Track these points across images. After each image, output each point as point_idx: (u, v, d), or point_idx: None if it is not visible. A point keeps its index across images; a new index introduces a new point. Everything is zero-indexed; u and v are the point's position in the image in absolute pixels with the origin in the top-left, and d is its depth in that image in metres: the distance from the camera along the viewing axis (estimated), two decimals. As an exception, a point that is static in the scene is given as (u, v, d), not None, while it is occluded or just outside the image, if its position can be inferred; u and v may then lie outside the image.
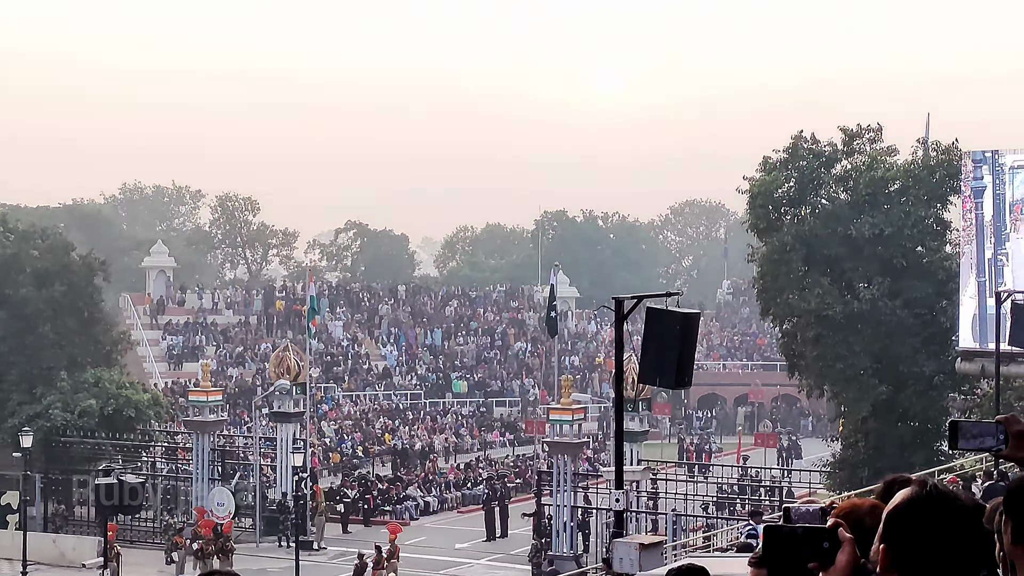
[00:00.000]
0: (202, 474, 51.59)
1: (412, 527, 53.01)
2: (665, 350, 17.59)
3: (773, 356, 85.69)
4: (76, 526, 52.07)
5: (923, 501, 3.50)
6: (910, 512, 3.49)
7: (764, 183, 47.81)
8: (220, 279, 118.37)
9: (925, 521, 3.47)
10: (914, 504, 3.50)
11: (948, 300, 44.04)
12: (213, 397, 54.03)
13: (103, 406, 53.30)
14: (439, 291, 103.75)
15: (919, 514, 3.48)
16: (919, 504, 3.49)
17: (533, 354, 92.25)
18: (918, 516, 3.48)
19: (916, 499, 3.50)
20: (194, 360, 78.42)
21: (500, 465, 64.96)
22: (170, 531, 48.50)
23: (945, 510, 3.49)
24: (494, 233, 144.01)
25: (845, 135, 48.44)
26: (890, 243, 45.93)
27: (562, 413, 46.91)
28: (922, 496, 3.51)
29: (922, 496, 3.51)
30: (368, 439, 71.21)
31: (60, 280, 57.02)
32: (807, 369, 49.03)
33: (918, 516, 3.48)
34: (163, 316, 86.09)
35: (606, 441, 69.09)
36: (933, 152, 48.07)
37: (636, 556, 19.99)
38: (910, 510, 3.49)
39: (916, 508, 3.49)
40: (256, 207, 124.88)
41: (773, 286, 48.72)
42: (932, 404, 46.79)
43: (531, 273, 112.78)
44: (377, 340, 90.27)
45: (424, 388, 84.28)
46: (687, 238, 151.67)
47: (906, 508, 3.50)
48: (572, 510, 45.51)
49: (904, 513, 3.50)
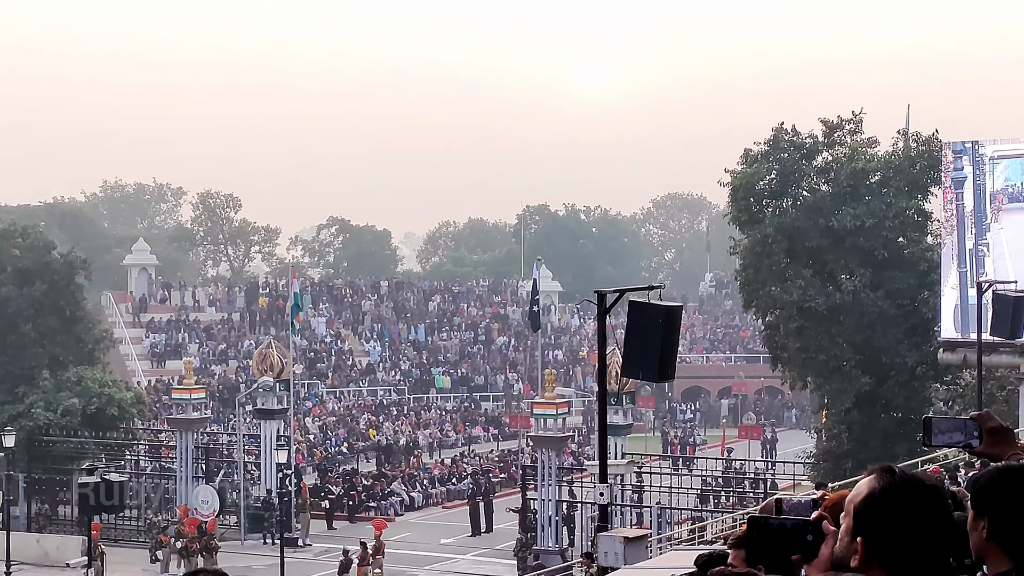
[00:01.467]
0: (186, 472, 51.49)
1: (397, 523, 52.96)
2: (648, 343, 17.59)
3: (756, 348, 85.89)
4: (60, 525, 51.94)
5: (896, 489, 3.49)
6: (885, 501, 3.49)
7: (745, 175, 47.90)
8: (202, 276, 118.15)
9: (901, 509, 3.47)
10: (888, 492, 3.49)
11: (930, 291, 44.15)
12: (196, 395, 53.88)
13: (86, 405, 53.16)
14: (422, 286, 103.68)
15: (894, 502, 3.47)
16: (893, 492, 3.49)
17: (516, 348, 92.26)
18: (894, 504, 3.47)
19: (889, 487, 3.50)
20: (177, 358, 78.24)
21: (484, 460, 64.97)
22: (154, 529, 48.38)
23: (918, 496, 3.49)
24: (476, 228, 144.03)
25: (826, 127, 48.56)
26: (871, 234, 46.05)
27: (546, 407, 46.94)
28: (894, 484, 3.51)
29: (894, 484, 3.51)
30: (352, 435, 71.15)
31: (41, 279, 56.84)
32: (790, 361, 49.15)
33: (894, 504, 3.47)
34: (145, 314, 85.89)
35: (590, 435, 69.12)
36: (913, 143, 48.22)
37: (621, 549, 20.02)
38: (884, 499, 3.49)
39: (890, 496, 3.49)
40: (238, 204, 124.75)
41: (755, 278, 48.82)
42: (915, 395, 46.92)
43: (514, 268, 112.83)
44: (360, 336, 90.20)
45: (408, 384, 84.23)
46: (669, 231, 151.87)
47: (880, 497, 3.50)
48: (557, 504, 45.55)
49: (879, 502, 3.50)
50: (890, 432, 46.82)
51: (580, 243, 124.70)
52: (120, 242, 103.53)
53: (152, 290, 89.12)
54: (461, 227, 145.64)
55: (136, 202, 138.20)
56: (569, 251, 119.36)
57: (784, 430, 79.54)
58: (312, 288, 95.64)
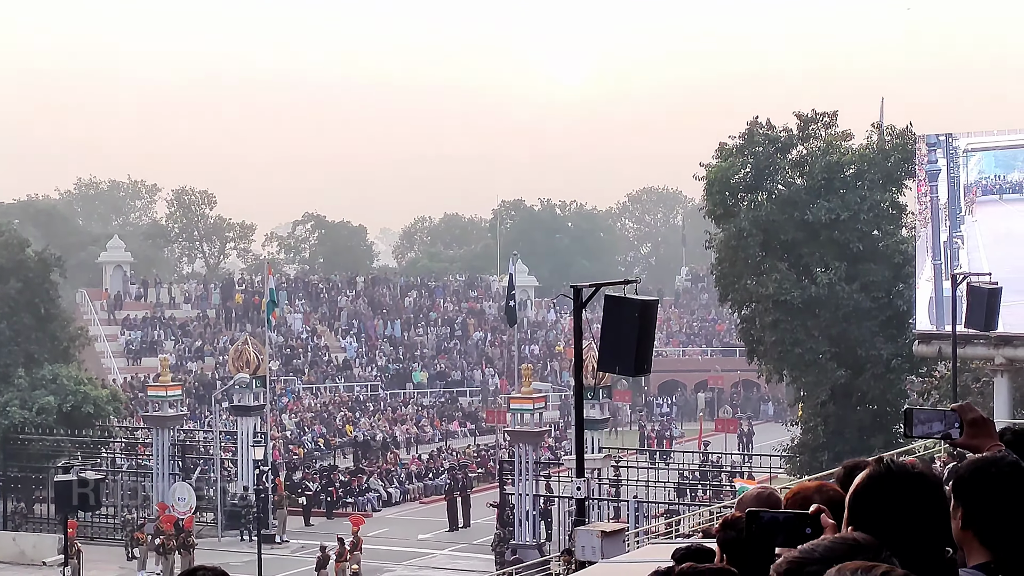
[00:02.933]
0: (162, 469, 51.37)
1: (374, 519, 52.96)
2: (624, 337, 17.60)
3: (732, 342, 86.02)
4: (36, 524, 51.79)
5: (885, 477, 3.51)
6: (875, 490, 3.50)
7: (720, 169, 47.95)
8: (177, 273, 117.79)
9: (891, 497, 3.48)
10: (877, 481, 3.50)
11: (905, 283, 44.27)
12: (172, 392, 53.72)
13: (61, 403, 52.99)
14: (398, 282, 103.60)
15: (885, 491, 3.49)
16: (882, 481, 3.50)
17: (493, 344, 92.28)
18: (884, 493, 3.49)
19: (878, 476, 3.51)
20: (152, 355, 78.09)
21: (461, 455, 64.97)
22: (131, 527, 48.27)
23: (909, 484, 3.50)
24: (452, 223, 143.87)
25: (800, 120, 48.63)
26: (846, 227, 46.15)
27: (523, 402, 46.96)
28: (883, 473, 3.52)
29: (883, 473, 3.52)
30: (329, 431, 71.07)
31: (16, 277, 56.64)
32: (766, 354, 49.23)
33: (884, 493, 3.49)
34: (120, 311, 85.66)
35: (567, 429, 69.16)
36: (888, 136, 48.33)
37: (598, 544, 20.02)
38: (874, 488, 3.50)
39: (881, 485, 3.50)
40: (213, 200, 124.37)
41: (731, 272, 48.89)
42: (890, 387, 47.07)
43: (490, 263, 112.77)
44: (336, 332, 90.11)
45: (384, 379, 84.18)
46: (645, 225, 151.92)
47: (870, 487, 3.51)
48: (534, 499, 45.59)
49: (869, 492, 3.51)
50: (866, 424, 46.98)
51: (556, 238, 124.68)
52: (95, 239, 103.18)
53: (127, 287, 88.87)
54: (437, 222, 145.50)
55: (111, 199, 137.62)
56: (545, 246, 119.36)
57: (760, 423, 79.72)
58: (288, 284, 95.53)
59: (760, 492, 6.22)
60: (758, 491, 6.29)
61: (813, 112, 48.72)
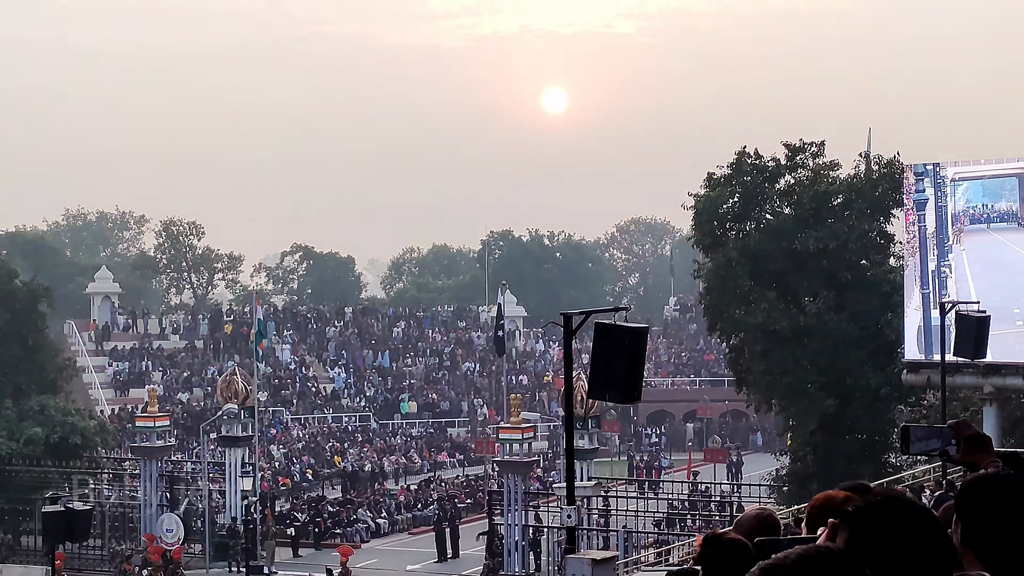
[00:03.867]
0: (150, 500, 51.19)
1: (363, 549, 52.80)
2: (614, 365, 17.59)
3: (721, 372, 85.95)
4: (23, 555, 51.51)
5: (880, 505, 3.50)
6: (870, 517, 3.50)
7: (708, 199, 48.00)
8: (166, 304, 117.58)
9: (887, 524, 3.47)
10: (872, 508, 3.50)
11: (893, 312, 44.27)
12: (160, 423, 53.59)
13: (49, 434, 52.83)
14: (386, 312, 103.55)
15: (879, 519, 3.48)
16: (877, 508, 3.50)
17: (481, 374, 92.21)
18: (878, 521, 3.48)
19: (873, 504, 3.51)
20: (140, 386, 77.90)
21: (450, 486, 64.83)
22: (118, 558, 48.06)
23: (902, 512, 3.50)
24: (440, 254, 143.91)
25: (788, 150, 48.70)
26: (834, 257, 46.20)
27: (512, 432, 46.91)
28: (877, 501, 3.52)
29: (877, 501, 3.52)
30: (318, 462, 70.91)
31: (3, 308, 56.53)
32: (755, 384, 49.17)
33: (878, 521, 3.48)
34: (108, 342, 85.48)
35: (556, 460, 69.08)
36: (875, 166, 48.43)
37: (589, 571, 19.99)
38: (869, 515, 3.50)
39: (874, 513, 3.50)
40: (201, 231, 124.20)
41: (719, 301, 48.88)
42: (879, 416, 47.03)
43: (478, 293, 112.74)
44: (325, 362, 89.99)
45: (373, 410, 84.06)
46: (633, 255, 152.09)
47: (865, 513, 3.51)
48: (523, 529, 45.49)
49: (864, 518, 3.51)
50: (855, 453, 46.91)
51: (544, 268, 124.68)
52: (83, 270, 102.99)
53: (115, 318, 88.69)
54: (425, 253, 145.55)
55: (98, 230, 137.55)
56: (533, 276, 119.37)
57: (750, 453, 79.60)
58: (276, 315, 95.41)
59: (759, 513, 6.24)
60: (757, 512, 6.30)
61: (801, 142, 48.80)
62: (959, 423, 4.63)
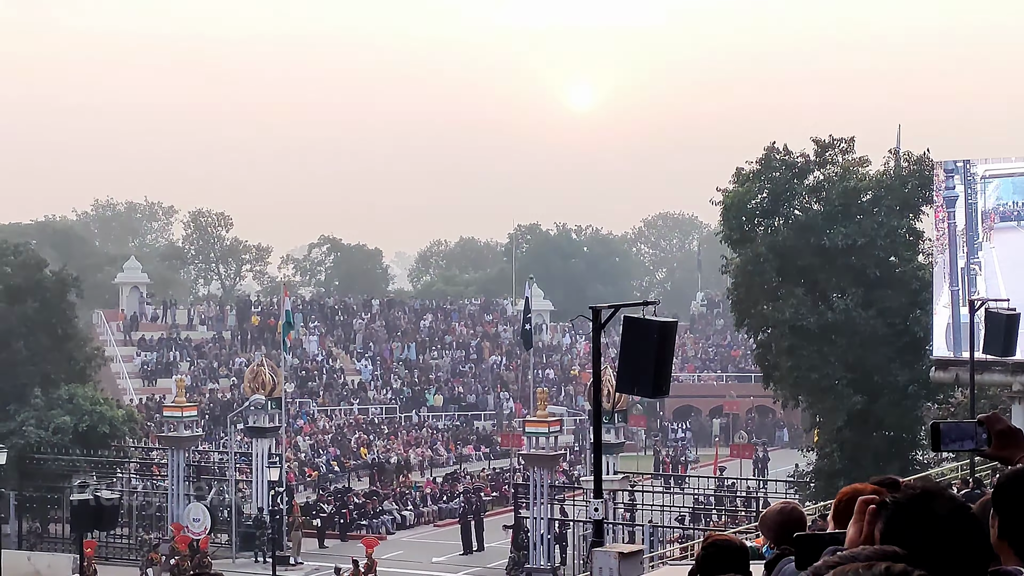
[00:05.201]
0: (177, 490, 51.40)
1: (389, 541, 52.92)
2: (642, 359, 17.58)
3: (747, 367, 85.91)
4: (51, 543, 51.80)
5: (920, 497, 3.52)
6: (909, 509, 3.51)
7: (737, 194, 47.92)
8: (193, 295, 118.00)
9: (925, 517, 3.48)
10: (912, 501, 3.51)
11: (922, 309, 44.19)
12: (188, 413, 53.76)
13: (77, 423, 53.07)
14: (413, 305, 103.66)
15: (917, 511, 3.49)
16: (917, 501, 3.51)
17: (508, 367, 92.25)
18: (916, 513, 3.49)
19: (913, 496, 3.52)
20: (168, 376, 78.17)
21: (476, 478, 64.90)
22: (146, 547, 48.29)
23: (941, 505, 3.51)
24: (468, 247, 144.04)
25: (817, 146, 48.59)
26: (863, 253, 46.09)
27: (538, 426, 46.88)
28: (918, 495, 3.53)
29: (918, 495, 3.53)
30: (344, 453, 71.06)
31: (33, 297, 56.77)
32: (782, 380, 49.10)
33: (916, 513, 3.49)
34: (137, 332, 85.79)
35: (582, 454, 69.10)
36: (905, 162, 48.27)
37: (615, 565, 20.00)
38: (908, 507, 3.51)
39: (914, 505, 3.51)
40: (229, 222, 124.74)
41: (747, 297, 48.83)
42: (906, 413, 46.92)
43: (505, 287, 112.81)
44: (352, 354, 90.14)
45: (399, 402, 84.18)
46: (660, 250, 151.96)
47: (904, 505, 3.52)
48: (549, 522, 45.50)
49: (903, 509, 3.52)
50: (882, 451, 46.82)
51: (571, 262, 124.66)
52: (111, 260, 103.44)
53: (143, 308, 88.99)
54: (452, 246, 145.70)
55: (127, 220, 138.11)
56: (560, 270, 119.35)
57: (776, 449, 79.51)
58: (303, 307, 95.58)
59: (784, 507, 6.25)
60: (782, 506, 6.32)
61: (830, 138, 48.69)
62: (990, 417, 4.61)
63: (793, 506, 6.20)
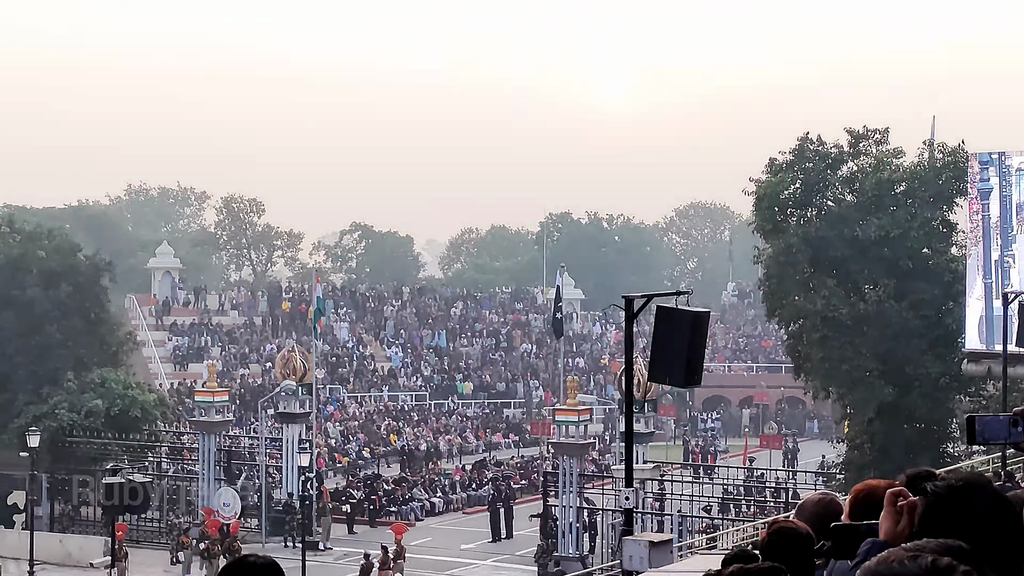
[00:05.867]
0: (208, 474, 51.63)
1: (418, 528, 53.06)
2: (675, 349, 17.58)
3: (778, 358, 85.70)
4: (82, 526, 52.11)
5: (962, 490, 3.52)
6: (951, 499, 3.51)
7: (770, 185, 47.82)
8: (225, 280, 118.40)
9: (967, 509, 3.49)
10: (954, 493, 3.52)
11: (954, 302, 44.04)
12: (219, 398, 53.96)
13: (109, 406, 53.33)
14: (444, 293, 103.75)
15: (959, 503, 3.50)
16: (959, 493, 3.52)
17: (538, 356, 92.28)
18: (958, 505, 3.50)
19: (955, 488, 3.53)
20: (199, 361, 78.47)
21: (505, 466, 64.98)
22: (176, 531, 48.54)
23: (983, 497, 3.51)
24: (499, 235, 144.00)
25: (851, 137, 48.45)
26: (896, 245, 45.92)
27: (568, 414, 46.91)
28: (959, 486, 3.54)
29: (959, 486, 3.54)
30: (373, 440, 71.22)
31: (67, 281, 57.05)
32: (813, 371, 48.98)
33: (958, 505, 3.50)
34: (168, 317, 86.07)
35: (611, 443, 69.12)
36: (939, 154, 48.07)
37: (646, 553, 20.02)
38: (950, 499, 3.52)
39: (956, 497, 3.51)
40: (261, 208, 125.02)
41: (779, 288, 48.72)
42: (938, 406, 46.79)
43: (536, 275, 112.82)
44: (382, 341, 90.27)
45: (429, 389, 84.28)
46: (692, 240, 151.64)
47: (946, 497, 3.53)
48: (578, 511, 45.53)
49: (944, 502, 3.53)
50: (913, 443, 46.68)
51: (602, 251, 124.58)
52: (144, 245, 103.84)
53: (175, 293, 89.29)
54: (483, 234, 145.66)
55: (160, 206, 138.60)
56: (591, 259, 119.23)
57: (805, 440, 79.33)
58: (334, 293, 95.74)
59: (822, 498, 6.25)
60: (819, 497, 6.32)
61: (864, 128, 48.54)
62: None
63: (832, 497, 6.20)
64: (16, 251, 57.75)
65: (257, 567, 4.69)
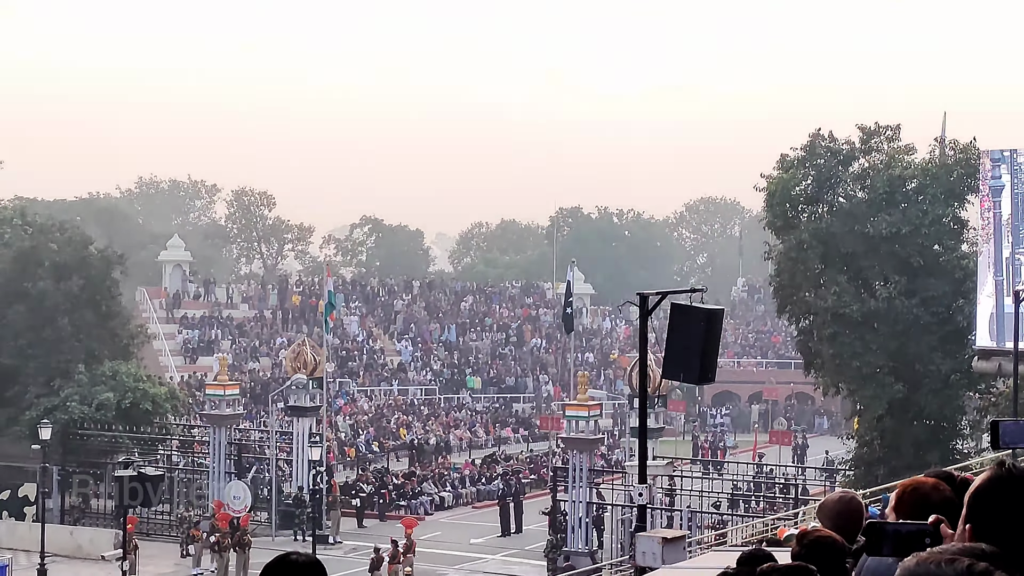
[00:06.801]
0: (218, 468, 51.71)
1: (427, 522, 53.09)
2: (689, 346, 17.65)
3: (787, 354, 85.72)
4: (93, 518, 52.21)
5: (1005, 480, 3.58)
6: (993, 491, 3.57)
7: (781, 181, 47.83)
8: (235, 273, 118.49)
9: (1008, 499, 3.55)
10: (997, 483, 3.58)
11: (965, 299, 44.04)
12: (230, 391, 54.01)
13: (120, 399, 53.43)
14: (454, 287, 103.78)
15: (1002, 493, 3.56)
16: (1002, 483, 3.58)
17: (548, 351, 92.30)
18: (1001, 495, 3.56)
19: (998, 479, 3.59)
20: (210, 354, 78.62)
21: (515, 461, 65.01)
22: (186, 524, 48.63)
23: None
24: (509, 229, 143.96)
25: (863, 133, 48.45)
26: (907, 241, 45.92)
27: (578, 409, 46.94)
28: (1003, 476, 3.60)
29: (1003, 476, 3.60)
30: (383, 434, 71.28)
31: (78, 274, 57.13)
32: (823, 367, 49.02)
33: (1001, 495, 3.56)
34: (179, 310, 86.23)
35: (621, 438, 69.10)
36: (951, 151, 48.04)
37: (659, 550, 20.06)
38: (993, 490, 3.58)
39: (999, 487, 3.57)
40: (272, 202, 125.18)
41: (790, 284, 48.74)
42: (948, 403, 46.79)
43: (545, 270, 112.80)
44: (392, 335, 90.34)
45: (439, 384, 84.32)
46: (702, 235, 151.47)
47: (989, 488, 3.59)
48: (587, 506, 45.56)
49: (987, 493, 3.59)
50: (922, 440, 46.69)
51: (612, 246, 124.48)
52: (155, 238, 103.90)
53: (186, 286, 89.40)
54: (493, 228, 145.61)
55: (171, 198, 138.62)
56: (601, 254, 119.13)
57: (815, 436, 79.32)
58: (344, 287, 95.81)
59: (843, 496, 6.30)
60: (840, 495, 6.37)
61: (876, 125, 48.53)
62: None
63: (852, 496, 6.25)
64: (28, 244, 57.82)
65: (299, 565, 4.65)
